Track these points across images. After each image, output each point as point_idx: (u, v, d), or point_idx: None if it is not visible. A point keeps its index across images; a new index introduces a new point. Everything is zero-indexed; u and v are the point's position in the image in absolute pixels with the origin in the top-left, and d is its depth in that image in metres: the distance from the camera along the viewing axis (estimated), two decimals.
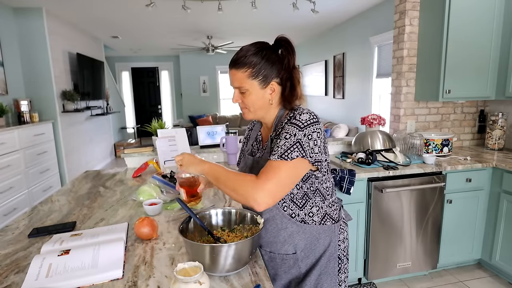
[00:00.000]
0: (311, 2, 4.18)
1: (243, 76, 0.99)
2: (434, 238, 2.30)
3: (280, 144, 0.95)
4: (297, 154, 0.93)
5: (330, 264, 1.08)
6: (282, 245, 1.06)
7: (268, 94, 1.02)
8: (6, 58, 3.97)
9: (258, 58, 0.98)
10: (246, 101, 1.02)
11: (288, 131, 0.95)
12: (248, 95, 1.01)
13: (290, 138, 0.94)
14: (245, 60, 0.98)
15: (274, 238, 1.06)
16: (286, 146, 0.94)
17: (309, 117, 0.97)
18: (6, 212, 3.28)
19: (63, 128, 4.70)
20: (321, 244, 1.07)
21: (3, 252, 1.07)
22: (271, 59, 0.99)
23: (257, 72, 0.98)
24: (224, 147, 2.31)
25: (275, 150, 0.95)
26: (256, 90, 1.00)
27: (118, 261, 0.95)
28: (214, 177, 0.99)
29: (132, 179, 2.00)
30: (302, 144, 0.94)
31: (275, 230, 1.05)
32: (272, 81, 1.01)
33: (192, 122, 8.74)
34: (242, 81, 1.00)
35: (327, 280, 1.08)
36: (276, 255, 1.08)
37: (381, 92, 4.80)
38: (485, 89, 2.49)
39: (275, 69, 1.00)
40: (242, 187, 0.93)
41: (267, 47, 1.01)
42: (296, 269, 1.07)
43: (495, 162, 2.26)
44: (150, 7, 3.77)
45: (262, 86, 1.00)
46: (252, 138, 1.19)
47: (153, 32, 6.16)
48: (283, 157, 0.93)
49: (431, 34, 2.46)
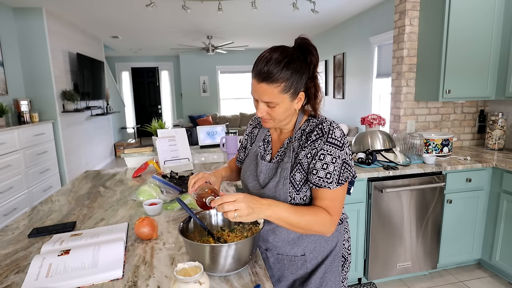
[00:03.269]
0: (311, 2, 4.18)
1: (275, 91, 0.91)
2: (434, 238, 2.30)
3: (331, 170, 0.93)
4: (348, 174, 0.96)
5: (335, 263, 1.10)
6: (292, 248, 1.06)
7: (295, 104, 0.98)
8: (6, 58, 3.97)
9: (291, 71, 0.91)
10: (273, 114, 0.96)
11: (331, 154, 0.94)
12: (277, 109, 0.95)
13: (337, 161, 0.94)
14: (278, 76, 0.89)
15: (283, 241, 1.06)
16: (337, 171, 0.94)
17: (341, 134, 0.97)
18: (6, 212, 3.28)
19: (63, 128, 4.70)
20: (329, 244, 1.08)
21: (3, 252, 1.07)
22: (302, 69, 0.93)
23: (289, 86, 0.92)
24: (224, 147, 2.31)
25: (329, 178, 0.93)
26: (286, 103, 0.95)
27: (118, 261, 0.95)
28: (283, 221, 0.89)
29: (132, 179, 2.00)
30: (348, 163, 0.96)
31: (285, 235, 1.05)
32: (301, 92, 0.97)
33: (192, 122, 8.74)
34: (273, 97, 0.92)
35: (331, 278, 1.09)
36: (284, 257, 1.08)
37: (381, 92, 4.80)
38: (485, 89, 2.49)
39: (304, 79, 0.95)
40: (320, 228, 0.93)
41: (297, 56, 0.94)
42: (303, 269, 1.08)
43: (495, 162, 2.27)
44: (150, 7, 3.77)
45: (292, 98, 0.95)
46: (259, 139, 1.14)
47: (153, 32, 6.16)
48: (340, 183, 0.94)
49: (431, 34, 2.46)
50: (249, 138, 1.21)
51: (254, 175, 1.08)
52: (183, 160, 2.15)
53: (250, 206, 0.82)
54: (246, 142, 1.22)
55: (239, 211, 0.81)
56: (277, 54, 0.91)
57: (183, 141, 2.19)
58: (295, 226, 0.90)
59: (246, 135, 1.22)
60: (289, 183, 0.98)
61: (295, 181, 0.98)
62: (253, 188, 1.08)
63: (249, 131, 1.22)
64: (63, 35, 4.84)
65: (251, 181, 1.09)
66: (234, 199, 0.81)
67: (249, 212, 0.82)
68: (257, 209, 0.84)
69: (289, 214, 0.89)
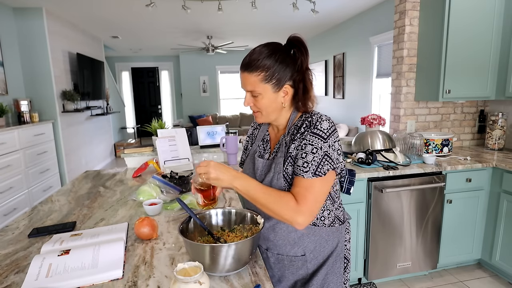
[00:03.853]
0: (311, 2, 4.18)
1: (256, 79, 0.96)
2: (434, 238, 2.30)
3: (309, 160, 0.93)
4: (328, 167, 0.93)
5: (336, 264, 1.09)
6: (292, 248, 1.06)
7: (281, 97, 0.99)
8: (6, 58, 3.97)
9: (272, 61, 0.95)
10: (258, 104, 1.00)
11: (313, 144, 0.93)
12: (261, 99, 0.98)
13: (318, 152, 0.93)
14: (258, 64, 0.94)
15: (284, 240, 1.06)
16: (316, 161, 0.92)
17: (330, 126, 0.95)
18: (6, 212, 3.28)
19: (63, 128, 4.70)
20: (330, 245, 1.07)
21: (3, 252, 1.07)
22: (285, 61, 0.96)
23: (270, 75, 0.95)
24: (224, 147, 2.31)
25: (305, 167, 0.92)
26: (269, 94, 0.97)
27: (118, 261, 0.95)
28: (249, 196, 0.94)
29: (132, 179, 2.00)
30: (330, 156, 0.94)
31: (285, 233, 1.05)
32: (286, 84, 0.98)
33: (192, 122, 8.74)
34: (255, 85, 0.96)
35: (334, 280, 1.09)
36: (284, 257, 1.08)
37: (381, 92, 4.80)
38: (485, 89, 2.49)
39: (289, 71, 0.97)
40: (283, 211, 0.91)
41: (281, 49, 0.97)
42: (304, 270, 1.07)
43: (495, 162, 2.27)
44: (150, 7, 3.77)
45: (276, 89, 0.97)
46: (259, 139, 1.15)
47: (153, 32, 6.16)
48: (317, 174, 0.92)
49: (431, 34, 2.46)
50: (250, 140, 1.23)
51: (252, 173, 1.10)
52: (183, 160, 2.15)
53: (217, 172, 0.92)
54: (247, 144, 1.24)
55: (207, 174, 0.92)
56: (261, 47, 0.97)
57: (183, 141, 2.19)
58: (259, 203, 0.93)
59: (248, 137, 1.24)
60: (282, 178, 0.98)
61: (287, 175, 0.98)
62: None
63: (250, 133, 1.24)
64: (63, 35, 4.84)
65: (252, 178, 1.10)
66: (206, 164, 0.93)
67: (216, 176, 0.92)
68: (224, 176, 0.92)
69: (255, 190, 0.92)
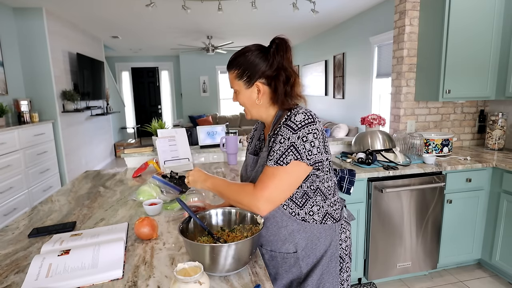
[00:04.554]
0: (311, 2, 4.18)
1: (232, 77, 1.07)
2: (434, 238, 2.30)
3: (276, 149, 0.96)
4: (292, 157, 0.94)
5: (331, 264, 1.09)
6: (283, 244, 1.06)
7: (254, 93, 1.05)
8: (6, 58, 3.97)
9: (243, 59, 1.03)
10: (239, 100, 1.09)
11: (282, 134, 0.96)
12: (239, 95, 1.07)
13: (284, 142, 0.95)
14: (233, 62, 1.05)
15: (275, 236, 1.06)
16: (280, 151, 0.95)
17: (304, 118, 0.96)
18: (6, 212, 3.28)
19: (63, 128, 4.70)
20: (322, 243, 1.07)
21: (3, 252, 1.07)
22: (256, 60, 1.02)
23: (241, 72, 1.03)
24: (224, 147, 2.31)
25: (271, 155, 0.97)
26: (243, 90, 1.06)
27: (118, 261, 0.95)
28: (218, 192, 1.06)
29: (132, 179, 2.00)
30: (297, 147, 0.94)
31: (275, 228, 1.05)
32: (257, 82, 1.03)
33: (192, 122, 8.74)
34: (232, 82, 1.07)
35: (329, 280, 1.08)
36: (277, 254, 1.08)
37: (381, 92, 4.80)
38: (485, 89, 2.49)
39: (260, 69, 1.02)
40: (244, 198, 0.98)
41: (257, 48, 1.03)
42: (297, 268, 1.07)
43: (495, 162, 2.27)
44: (150, 7, 3.77)
45: (247, 86, 1.04)
46: (256, 138, 1.21)
47: (153, 32, 6.16)
48: (279, 163, 0.95)
49: (431, 34, 2.46)
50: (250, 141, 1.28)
51: (245, 169, 1.18)
52: (183, 160, 2.15)
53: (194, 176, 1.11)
54: (248, 145, 1.28)
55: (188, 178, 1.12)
56: (241, 48, 1.06)
57: (183, 141, 2.20)
58: (226, 196, 1.04)
59: (250, 138, 1.29)
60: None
61: None
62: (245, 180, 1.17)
63: (251, 134, 1.29)
64: (63, 35, 4.84)
65: (244, 174, 1.18)
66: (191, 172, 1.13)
67: (193, 179, 1.11)
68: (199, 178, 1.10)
69: (222, 186, 1.05)
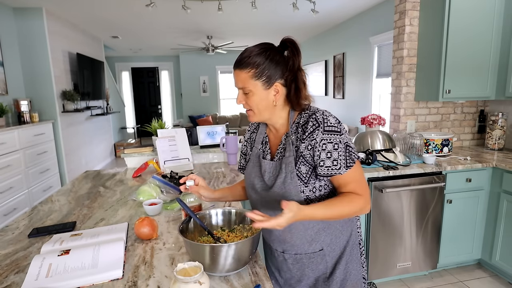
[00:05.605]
0: (311, 2, 4.18)
1: (246, 76, 0.98)
2: (434, 238, 2.30)
3: (336, 157, 0.95)
4: (353, 156, 0.98)
5: (353, 252, 1.12)
6: (310, 245, 1.06)
7: (272, 95, 1.00)
8: (6, 58, 3.97)
9: (262, 59, 0.97)
10: (249, 102, 1.01)
11: (331, 141, 0.95)
12: (252, 96, 1.00)
13: (339, 146, 0.96)
14: (249, 61, 0.97)
15: (301, 239, 1.05)
16: (343, 155, 0.96)
17: (336, 119, 0.98)
18: (6, 212, 3.28)
19: (63, 128, 4.70)
20: (344, 235, 1.09)
21: (3, 252, 1.07)
22: (275, 60, 0.98)
23: (260, 72, 0.97)
24: (224, 147, 2.31)
25: (335, 165, 0.95)
26: (259, 91, 0.99)
27: (118, 261, 0.95)
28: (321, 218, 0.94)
29: (132, 179, 2.00)
30: (350, 145, 0.98)
31: (301, 230, 1.04)
32: (276, 82, 0.99)
33: (192, 122, 8.74)
34: (245, 82, 0.98)
35: (354, 267, 1.11)
36: (303, 256, 1.07)
37: (381, 92, 4.80)
38: (485, 89, 2.49)
39: (279, 70, 0.99)
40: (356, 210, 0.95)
41: (272, 48, 1.00)
42: (323, 264, 1.08)
43: (495, 162, 2.26)
44: (150, 7, 3.77)
45: (266, 87, 0.99)
46: (258, 141, 1.15)
47: (153, 32, 6.16)
48: (349, 166, 0.96)
49: (431, 34, 2.46)
50: (248, 144, 1.22)
51: (259, 176, 1.09)
52: (183, 160, 2.15)
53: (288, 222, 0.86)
54: (245, 148, 1.23)
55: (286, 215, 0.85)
56: (253, 46, 1.00)
57: (183, 141, 2.20)
58: (334, 218, 0.96)
59: (245, 141, 1.23)
60: (296, 177, 0.99)
61: (301, 174, 0.99)
62: (261, 188, 1.08)
63: (247, 137, 1.23)
64: (63, 35, 4.84)
65: (258, 182, 1.09)
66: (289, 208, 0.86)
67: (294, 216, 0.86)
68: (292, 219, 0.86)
69: (323, 211, 0.92)
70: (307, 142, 0.98)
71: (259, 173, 1.09)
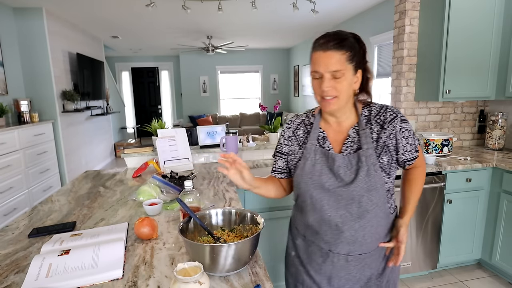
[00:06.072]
0: (311, 2, 4.18)
1: (342, 58, 0.94)
2: (434, 238, 2.30)
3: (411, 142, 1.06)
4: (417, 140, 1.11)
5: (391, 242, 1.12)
6: (377, 241, 1.07)
7: (353, 82, 0.99)
8: (6, 58, 3.97)
9: (352, 43, 0.96)
10: (339, 86, 0.96)
11: (408, 129, 1.05)
12: (343, 80, 0.95)
13: (411, 132, 1.07)
14: (345, 43, 0.94)
15: (371, 237, 1.05)
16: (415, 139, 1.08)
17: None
18: (6, 212, 3.28)
19: (63, 128, 4.70)
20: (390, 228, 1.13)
21: (3, 252, 1.07)
22: (360, 46, 0.99)
23: (352, 56, 0.95)
24: (224, 147, 2.31)
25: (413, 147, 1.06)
26: (349, 76, 0.96)
27: (118, 261, 0.95)
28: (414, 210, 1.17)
29: (132, 179, 2.00)
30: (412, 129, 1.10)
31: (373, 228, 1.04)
32: (359, 69, 0.99)
33: (192, 122, 8.74)
34: (340, 63, 0.94)
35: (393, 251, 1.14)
36: (367, 254, 1.07)
37: (381, 92, 4.80)
38: (485, 89, 2.49)
39: (363, 57, 1.00)
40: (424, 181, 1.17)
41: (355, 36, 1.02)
42: (380, 260, 1.10)
43: (495, 162, 2.26)
44: (150, 7, 3.77)
45: (354, 72, 0.97)
46: (313, 138, 1.07)
47: (153, 32, 6.16)
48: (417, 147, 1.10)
49: (431, 34, 2.46)
50: (292, 142, 1.12)
51: (329, 173, 1.02)
52: (183, 160, 2.15)
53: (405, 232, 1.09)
54: (287, 147, 1.12)
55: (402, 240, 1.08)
56: (339, 30, 1.00)
57: (183, 141, 2.19)
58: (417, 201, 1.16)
59: (286, 139, 1.13)
60: (380, 169, 1.00)
61: (383, 165, 1.01)
62: (334, 185, 1.01)
63: (289, 135, 1.13)
64: (63, 35, 4.84)
65: (328, 179, 1.02)
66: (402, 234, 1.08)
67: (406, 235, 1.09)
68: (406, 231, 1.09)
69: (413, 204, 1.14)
70: (388, 131, 1.02)
71: (330, 170, 1.02)
